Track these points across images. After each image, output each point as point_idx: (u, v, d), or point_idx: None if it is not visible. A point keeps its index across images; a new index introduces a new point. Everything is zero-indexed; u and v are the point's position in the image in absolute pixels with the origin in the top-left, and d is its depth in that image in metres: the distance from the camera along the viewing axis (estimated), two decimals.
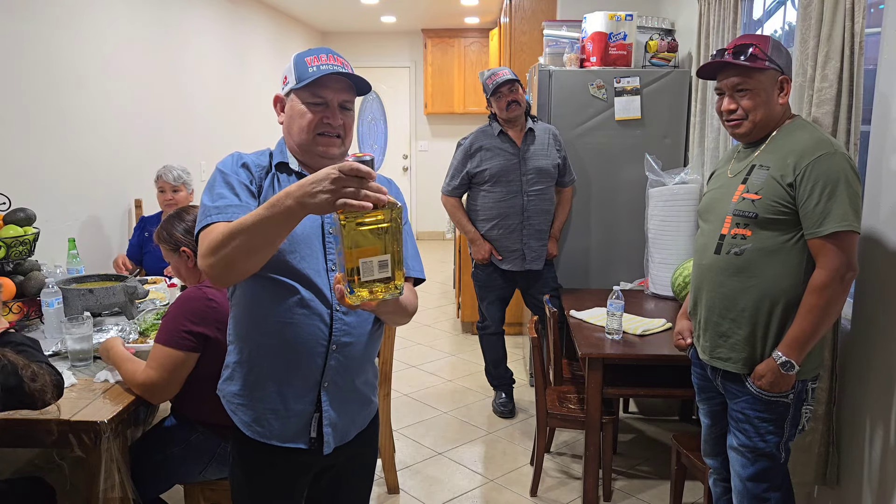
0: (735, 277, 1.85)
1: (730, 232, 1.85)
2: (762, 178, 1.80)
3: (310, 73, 1.41)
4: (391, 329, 2.77)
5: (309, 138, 1.44)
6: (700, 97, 3.25)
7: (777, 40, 1.85)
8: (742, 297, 1.84)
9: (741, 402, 1.88)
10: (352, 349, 1.46)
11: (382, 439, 2.77)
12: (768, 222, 1.78)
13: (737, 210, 1.83)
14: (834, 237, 1.70)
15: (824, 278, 1.72)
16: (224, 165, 1.44)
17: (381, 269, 1.17)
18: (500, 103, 3.24)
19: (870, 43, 2.06)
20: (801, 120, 1.87)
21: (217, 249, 1.26)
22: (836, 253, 1.70)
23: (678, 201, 3.15)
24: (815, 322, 1.74)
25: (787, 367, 1.76)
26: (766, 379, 1.80)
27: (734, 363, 1.88)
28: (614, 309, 2.59)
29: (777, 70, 1.81)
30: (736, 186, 1.87)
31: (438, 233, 8.65)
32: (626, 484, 2.89)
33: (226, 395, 1.52)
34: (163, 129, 4.26)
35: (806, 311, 1.74)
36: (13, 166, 2.91)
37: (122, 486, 1.79)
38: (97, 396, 1.84)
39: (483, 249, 3.37)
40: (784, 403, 1.83)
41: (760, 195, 1.79)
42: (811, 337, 1.75)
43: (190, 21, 4.61)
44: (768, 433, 1.85)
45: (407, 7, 6.64)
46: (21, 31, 2.96)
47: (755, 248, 1.81)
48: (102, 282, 2.61)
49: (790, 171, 1.74)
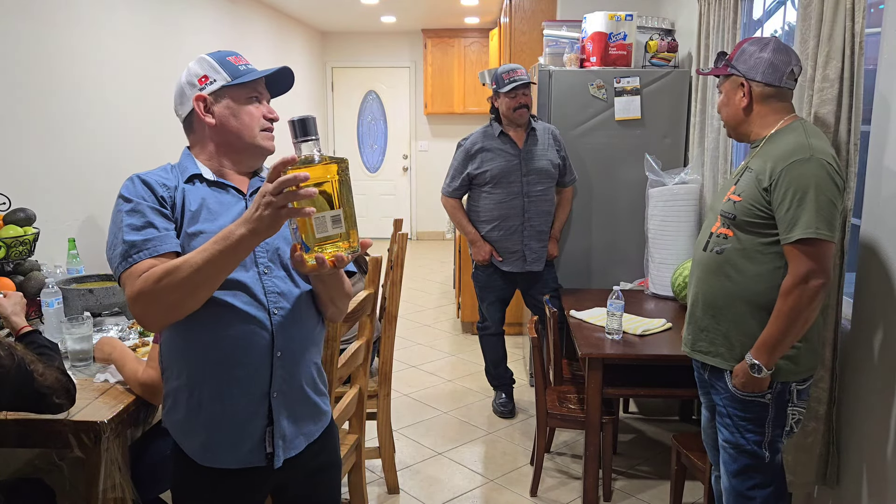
0: (715, 275, 1.90)
1: (717, 231, 1.92)
2: (747, 180, 1.85)
3: (242, 71, 1.40)
4: (391, 329, 2.77)
5: (255, 135, 1.41)
6: (700, 97, 3.24)
7: (764, 42, 1.88)
8: (720, 294, 1.89)
9: (723, 397, 1.94)
10: (295, 353, 1.40)
11: (382, 439, 2.77)
12: (746, 224, 1.83)
13: (723, 210, 1.90)
14: (801, 243, 1.72)
15: (788, 283, 1.75)
16: (128, 192, 1.33)
17: (335, 224, 1.17)
18: (512, 102, 3.21)
19: (870, 43, 2.06)
20: (798, 123, 1.86)
21: (157, 293, 1.20)
22: (801, 259, 1.73)
23: (678, 201, 3.15)
24: (782, 327, 1.76)
25: (754, 369, 1.80)
26: (739, 379, 1.85)
27: (712, 357, 1.94)
28: (614, 309, 2.59)
29: (738, 75, 1.90)
30: (730, 186, 1.93)
31: (438, 233, 8.65)
32: (626, 484, 2.89)
33: (172, 425, 1.42)
34: (163, 129, 4.26)
35: (775, 315, 1.78)
36: (13, 166, 2.91)
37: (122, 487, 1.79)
38: (97, 396, 1.84)
39: (483, 250, 3.36)
40: (761, 403, 1.86)
41: (741, 197, 1.84)
42: (779, 342, 1.77)
43: (190, 21, 4.61)
44: (748, 431, 1.89)
45: (407, 7, 6.64)
46: (21, 31, 2.95)
47: (734, 248, 1.86)
48: (102, 282, 2.61)
49: (767, 175, 1.78)
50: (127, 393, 1.87)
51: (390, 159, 8.64)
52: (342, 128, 8.56)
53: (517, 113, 3.22)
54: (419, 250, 8.06)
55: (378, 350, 2.79)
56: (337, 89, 8.44)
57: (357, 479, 2.39)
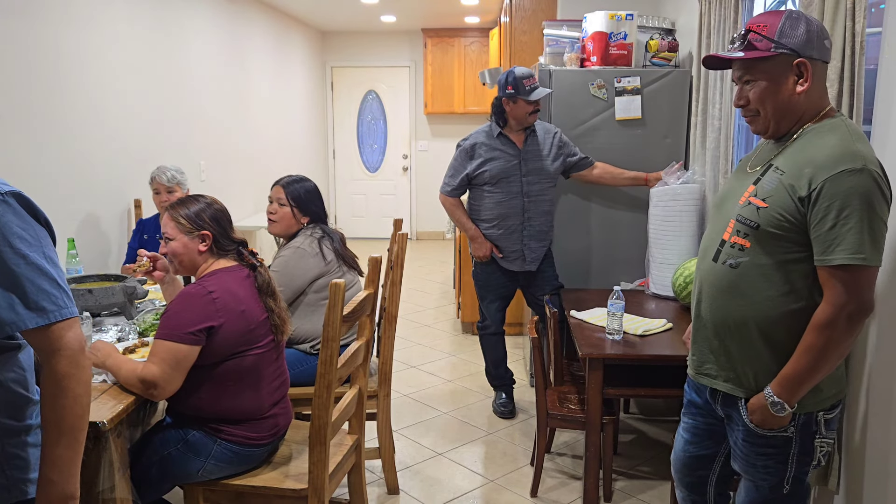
0: (727, 292, 1.66)
1: (730, 239, 1.65)
2: (774, 182, 1.57)
3: None
4: (391, 329, 2.76)
5: None
6: (701, 97, 3.24)
7: (799, 13, 1.56)
8: (733, 314, 1.65)
9: (738, 431, 1.70)
10: None
11: (382, 439, 2.77)
12: (769, 237, 1.57)
13: (740, 215, 1.62)
14: (843, 269, 1.47)
15: (827, 315, 1.50)
16: None
17: None
18: (528, 108, 3.19)
19: (870, 43, 2.06)
20: (840, 119, 1.59)
21: None
22: (842, 288, 1.48)
23: (679, 201, 3.15)
24: (812, 362, 1.52)
25: (776, 407, 1.57)
26: (757, 416, 1.62)
27: (723, 382, 1.71)
28: (615, 309, 2.59)
29: (789, 53, 1.54)
30: (748, 185, 1.65)
31: (438, 233, 8.65)
32: (626, 484, 2.89)
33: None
34: (162, 129, 4.26)
35: (804, 348, 1.53)
36: (13, 166, 2.91)
37: (122, 488, 1.79)
38: (97, 396, 1.84)
39: (484, 247, 3.36)
40: (784, 438, 1.63)
41: (767, 203, 1.56)
42: (807, 378, 1.54)
43: (190, 21, 4.60)
44: (769, 468, 1.66)
45: (407, 6, 6.64)
46: (20, 31, 2.95)
47: (752, 262, 1.60)
48: (101, 282, 2.61)
49: (805, 183, 1.51)
50: (126, 393, 1.87)
51: (390, 159, 8.64)
52: (342, 127, 8.55)
53: (531, 117, 3.22)
54: (419, 250, 8.06)
55: (378, 350, 2.79)
56: (337, 89, 8.44)
57: (357, 480, 2.38)
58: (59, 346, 1.23)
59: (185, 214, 2.03)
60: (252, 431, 2.02)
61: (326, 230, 2.75)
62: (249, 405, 2.01)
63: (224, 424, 1.99)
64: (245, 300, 1.97)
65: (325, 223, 2.79)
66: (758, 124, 1.65)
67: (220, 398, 1.97)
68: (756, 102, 1.61)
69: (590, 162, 3.41)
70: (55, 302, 1.24)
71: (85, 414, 1.26)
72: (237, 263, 2.06)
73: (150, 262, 2.39)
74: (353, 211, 8.74)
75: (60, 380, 1.23)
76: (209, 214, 2.05)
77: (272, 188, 2.77)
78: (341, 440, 2.31)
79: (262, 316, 2.01)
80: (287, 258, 2.64)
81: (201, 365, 1.91)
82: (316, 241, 2.68)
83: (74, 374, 1.24)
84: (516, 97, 3.17)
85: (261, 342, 1.99)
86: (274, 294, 2.06)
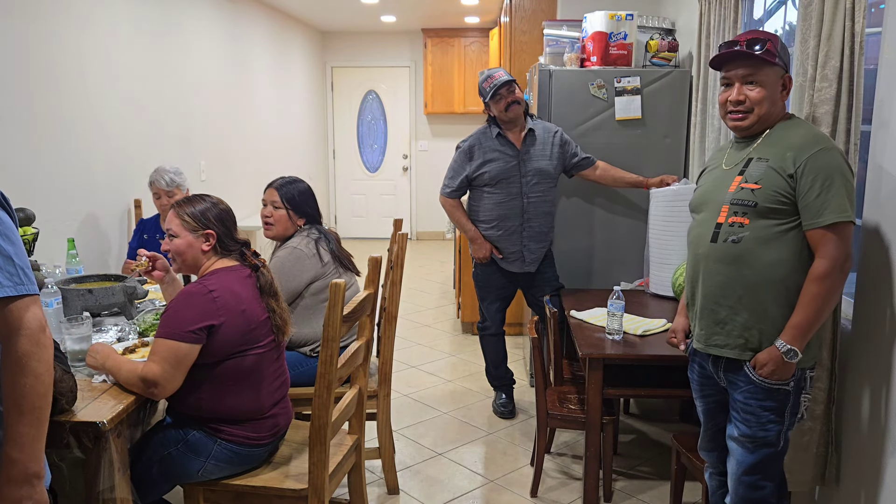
0: (732, 265, 1.88)
1: (727, 220, 1.89)
2: (761, 169, 1.85)
3: None
4: (391, 329, 2.76)
5: None
6: (701, 97, 3.24)
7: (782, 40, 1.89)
8: (739, 284, 1.88)
9: (744, 391, 1.91)
10: None
11: (382, 439, 2.77)
12: (768, 211, 1.83)
13: (735, 199, 1.88)
14: (833, 228, 1.76)
15: (826, 267, 1.77)
16: None
17: None
18: (500, 105, 3.22)
19: (870, 43, 2.06)
20: (798, 118, 1.94)
21: None
22: (836, 243, 1.77)
23: (679, 201, 3.14)
24: (817, 310, 1.79)
25: (790, 355, 1.81)
26: (769, 367, 1.84)
27: (731, 349, 1.92)
28: (615, 309, 2.59)
29: (782, 68, 1.88)
30: (732, 178, 1.92)
31: (438, 233, 8.65)
32: (626, 484, 2.89)
33: None
34: (162, 129, 4.26)
35: (808, 299, 1.79)
36: (13, 166, 2.91)
37: (122, 488, 1.79)
38: (96, 397, 1.84)
39: (483, 248, 3.36)
40: (785, 391, 1.87)
41: (760, 185, 1.84)
42: (813, 325, 1.80)
43: (190, 20, 4.61)
44: (769, 422, 1.88)
45: (407, 6, 6.64)
46: (20, 31, 2.95)
47: (753, 235, 1.85)
48: (102, 282, 2.61)
49: (790, 163, 1.81)
50: (126, 393, 1.87)
51: (390, 159, 8.64)
52: (342, 127, 8.56)
53: (510, 112, 3.22)
54: (419, 250, 8.06)
55: (378, 350, 2.79)
56: (337, 89, 8.44)
57: (357, 480, 2.38)
58: (18, 325, 1.22)
59: (190, 213, 2.04)
60: (252, 431, 2.02)
61: (322, 231, 2.74)
62: (249, 405, 2.01)
63: (224, 424, 1.99)
64: (246, 300, 1.97)
65: (319, 224, 2.78)
66: (746, 121, 1.91)
67: (220, 398, 1.97)
68: (754, 102, 1.88)
69: (591, 161, 3.41)
70: (10, 279, 1.22)
71: (48, 392, 1.25)
72: (239, 263, 2.06)
73: (149, 262, 2.39)
74: (353, 211, 8.74)
75: (21, 358, 1.22)
76: (214, 214, 2.05)
77: (265, 191, 2.74)
78: (341, 440, 2.31)
79: (262, 316, 2.01)
80: (283, 259, 2.63)
81: (202, 364, 1.92)
82: (313, 242, 2.67)
83: (35, 352, 1.23)
84: (486, 101, 3.27)
85: (261, 342, 2.00)
86: (276, 295, 2.06)
